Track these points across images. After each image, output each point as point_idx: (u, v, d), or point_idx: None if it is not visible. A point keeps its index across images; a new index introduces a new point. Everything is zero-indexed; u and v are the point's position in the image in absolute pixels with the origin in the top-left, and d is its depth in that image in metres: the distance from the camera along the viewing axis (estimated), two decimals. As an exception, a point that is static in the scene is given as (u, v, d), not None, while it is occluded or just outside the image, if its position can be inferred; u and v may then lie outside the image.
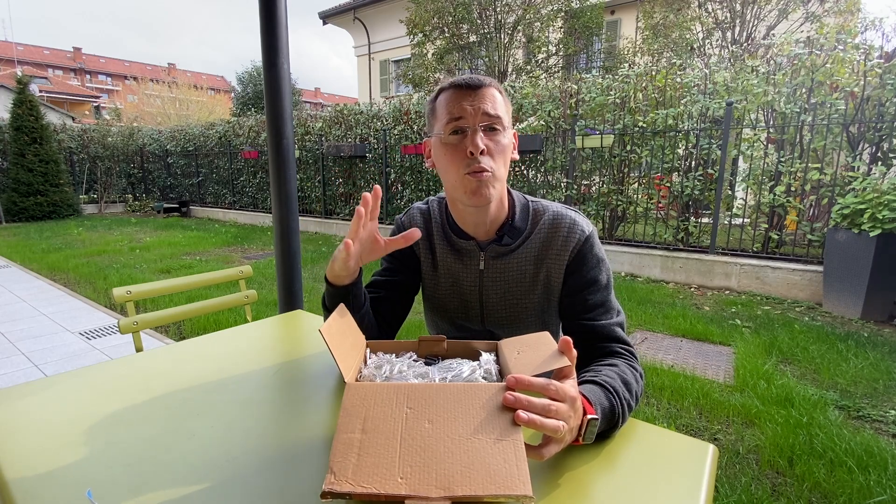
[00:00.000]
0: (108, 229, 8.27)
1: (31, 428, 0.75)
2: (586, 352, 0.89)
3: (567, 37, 9.98)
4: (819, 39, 4.15)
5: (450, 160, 0.88)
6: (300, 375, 0.95)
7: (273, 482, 0.62)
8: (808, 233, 4.20)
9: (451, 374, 0.71)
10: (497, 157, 0.87)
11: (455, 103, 0.87)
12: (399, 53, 14.76)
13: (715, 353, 2.94)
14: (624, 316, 0.93)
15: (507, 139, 0.89)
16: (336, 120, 7.90)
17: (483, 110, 0.85)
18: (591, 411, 0.66)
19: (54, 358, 2.95)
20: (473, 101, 0.86)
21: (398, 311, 1.04)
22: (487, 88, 0.87)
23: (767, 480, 1.74)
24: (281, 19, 1.85)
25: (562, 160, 5.52)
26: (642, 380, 0.84)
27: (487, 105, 0.86)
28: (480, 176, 0.86)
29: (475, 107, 0.85)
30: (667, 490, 0.62)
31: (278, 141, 1.92)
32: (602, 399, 0.70)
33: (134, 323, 1.34)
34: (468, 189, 0.87)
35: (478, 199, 0.87)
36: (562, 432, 0.58)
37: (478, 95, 0.86)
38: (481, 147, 0.84)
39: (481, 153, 0.85)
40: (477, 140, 0.84)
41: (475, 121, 0.85)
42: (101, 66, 53.73)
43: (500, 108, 0.88)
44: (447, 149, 0.88)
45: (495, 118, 0.86)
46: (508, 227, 0.95)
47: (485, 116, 0.85)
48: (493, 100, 0.87)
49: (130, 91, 32.76)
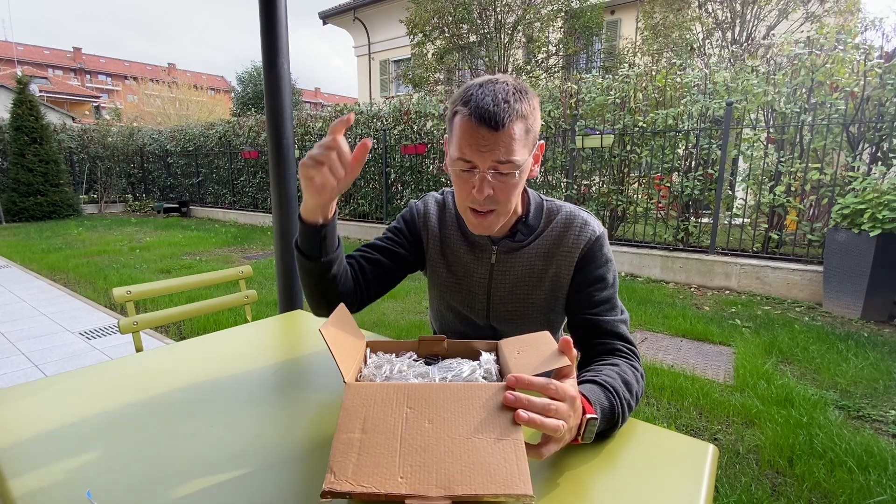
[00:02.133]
0: (108, 229, 8.27)
1: (31, 428, 0.75)
2: (589, 346, 0.91)
3: (567, 37, 9.98)
4: (819, 39, 4.15)
5: (458, 187, 0.87)
6: (300, 375, 0.95)
7: (273, 482, 0.62)
8: (808, 233, 4.20)
9: (452, 373, 0.71)
10: (504, 197, 0.85)
11: (468, 142, 0.81)
12: (399, 53, 14.76)
13: (715, 353, 2.94)
14: (628, 316, 0.95)
15: (521, 171, 0.84)
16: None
17: (495, 157, 0.80)
18: (591, 411, 0.66)
19: (54, 358, 2.95)
20: (487, 145, 0.80)
21: (382, 282, 1.01)
22: (507, 130, 0.79)
23: (767, 480, 1.74)
24: (281, 19, 1.85)
25: (562, 160, 5.52)
26: (643, 380, 0.85)
27: (501, 151, 0.80)
28: (482, 217, 0.87)
29: (486, 153, 0.80)
30: (667, 490, 0.62)
31: (278, 141, 1.92)
32: (602, 399, 0.71)
33: (134, 323, 1.34)
34: (470, 223, 0.89)
35: (479, 231, 0.90)
36: (561, 431, 0.58)
37: (494, 140, 0.79)
38: (486, 193, 0.82)
39: (486, 197, 0.83)
40: (484, 187, 0.82)
41: (485, 167, 0.82)
42: (101, 66, 53.75)
43: (518, 145, 0.81)
44: (456, 176, 0.86)
45: (507, 163, 0.81)
46: (522, 224, 0.96)
47: (496, 164, 0.81)
48: (509, 142, 0.80)
49: (130, 91, 32.78)
